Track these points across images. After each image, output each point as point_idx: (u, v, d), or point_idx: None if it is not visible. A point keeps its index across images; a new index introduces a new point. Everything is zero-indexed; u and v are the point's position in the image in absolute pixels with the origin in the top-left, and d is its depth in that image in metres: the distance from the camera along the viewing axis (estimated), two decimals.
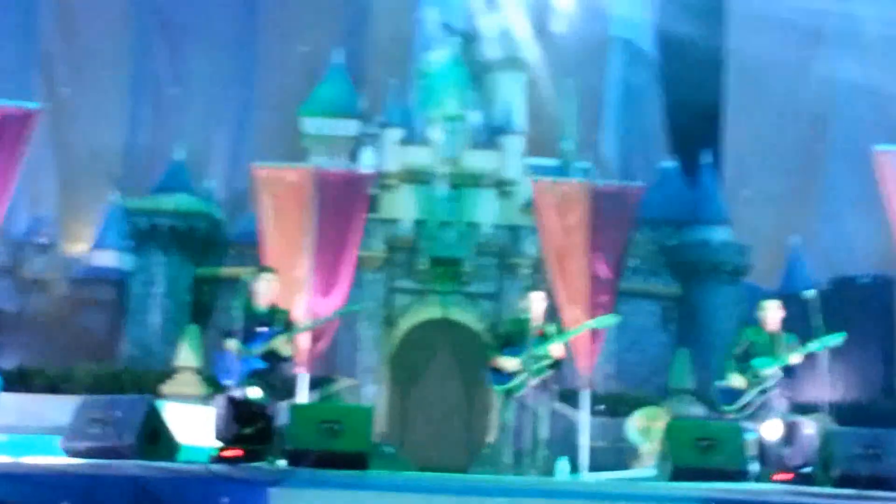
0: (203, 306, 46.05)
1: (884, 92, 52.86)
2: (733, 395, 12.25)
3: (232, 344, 11.40)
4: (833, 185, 58.63)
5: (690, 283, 50.33)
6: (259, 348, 11.33)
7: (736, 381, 12.06)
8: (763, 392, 11.92)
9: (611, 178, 41.85)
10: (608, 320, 13.19)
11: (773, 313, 12.44)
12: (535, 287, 12.73)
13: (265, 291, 11.75)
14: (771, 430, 10.47)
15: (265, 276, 11.92)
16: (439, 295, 46.23)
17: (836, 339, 11.70)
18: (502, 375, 12.06)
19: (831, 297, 45.87)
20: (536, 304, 12.24)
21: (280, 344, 11.47)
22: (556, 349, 12.06)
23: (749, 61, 54.70)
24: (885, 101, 52.17)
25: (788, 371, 12.01)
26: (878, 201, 15.88)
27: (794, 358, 11.92)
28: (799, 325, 12.92)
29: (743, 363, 12.23)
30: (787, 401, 11.94)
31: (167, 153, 51.43)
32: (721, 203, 53.17)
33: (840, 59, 54.26)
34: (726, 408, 12.33)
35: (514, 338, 12.23)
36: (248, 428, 8.90)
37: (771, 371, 11.91)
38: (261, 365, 11.29)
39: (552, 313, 14.64)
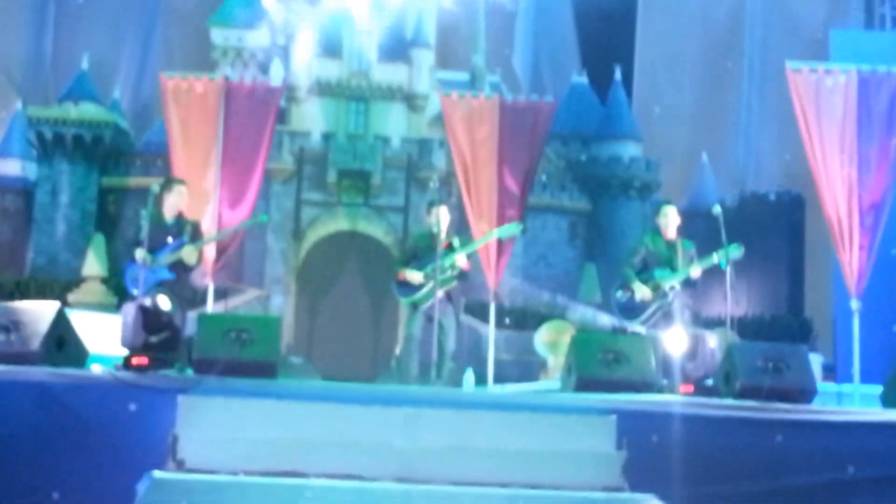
0: (109, 216, 45.73)
1: (795, 9, 53.31)
2: (634, 308, 12.22)
3: (140, 254, 11.36)
4: (744, 102, 59.19)
5: (599, 198, 50.78)
6: (167, 258, 11.30)
7: (640, 291, 12.00)
8: (663, 304, 11.92)
9: (521, 93, 41.88)
10: (512, 229, 13.17)
11: (672, 219, 12.28)
12: (443, 201, 12.71)
13: (173, 202, 11.67)
14: (674, 340, 10.50)
15: (174, 187, 11.84)
16: (347, 207, 46.26)
17: (736, 252, 11.67)
18: (408, 288, 12.10)
19: (740, 214, 46.61)
20: (443, 217, 12.24)
21: (187, 254, 11.45)
22: (461, 259, 12.09)
23: None
24: (796, 18, 52.65)
25: (689, 283, 11.95)
26: (788, 118, 15.99)
27: (695, 271, 11.88)
28: (706, 241, 13.00)
29: (643, 273, 12.16)
30: (689, 312, 11.94)
31: (73, 63, 50.72)
32: (631, 119, 53.58)
33: None
34: (627, 322, 12.29)
35: (421, 251, 12.26)
36: (155, 336, 8.89)
37: (671, 282, 11.87)
38: (168, 275, 11.27)
39: (463, 227, 14.70)
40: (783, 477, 8.41)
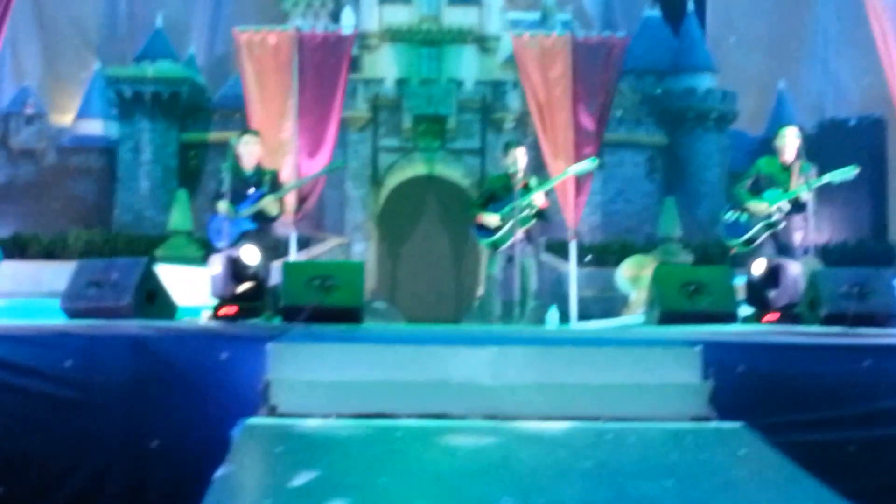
0: (190, 171, 46.22)
1: None
2: (739, 228, 11.98)
3: (222, 206, 11.52)
4: (820, 26, 58.26)
5: (676, 131, 50.37)
6: (248, 209, 11.46)
7: (753, 206, 11.66)
8: (770, 226, 11.68)
9: (593, 30, 41.64)
10: (588, 165, 13.10)
11: (790, 140, 11.92)
12: (518, 142, 12.70)
13: (250, 153, 11.83)
14: (758, 268, 10.37)
15: (248, 138, 11.98)
16: (424, 152, 46.31)
17: (849, 173, 11.46)
18: (487, 230, 12.13)
19: (819, 141, 46.07)
20: (520, 157, 12.23)
21: (268, 204, 11.60)
22: (538, 198, 12.08)
23: None
24: None
25: (798, 205, 11.62)
26: (865, 42, 15.75)
27: (805, 193, 11.58)
28: None
29: (756, 196, 11.83)
30: (802, 234, 11.56)
31: (148, 22, 51.13)
32: (705, 50, 53.00)
33: None
34: (732, 242, 12.01)
35: (498, 193, 12.27)
36: (242, 286, 9.05)
37: (779, 204, 11.60)
38: (251, 226, 11.45)
39: (539, 167, 14.72)
40: (871, 401, 8.39)
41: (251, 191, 11.45)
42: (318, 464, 6.36)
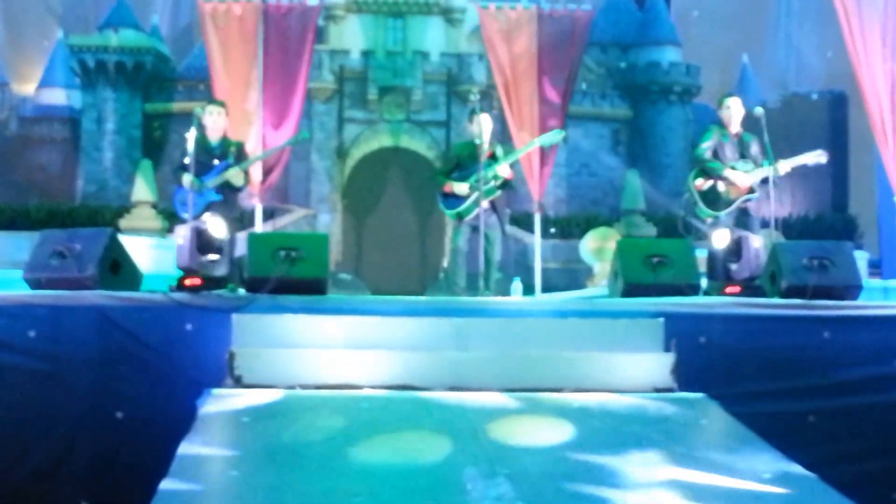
0: (155, 142, 46.04)
1: None
2: (717, 199, 11.89)
3: (186, 179, 11.52)
4: (783, 1, 58.47)
5: (640, 105, 50.56)
6: (214, 180, 11.45)
7: (735, 176, 11.53)
8: (749, 199, 11.66)
9: (558, 3, 41.62)
10: (553, 137, 13.05)
11: (735, 110, 11.81)
12: (483, 109, 12.65)
13: (215, 124, 11.81)
14: (720, 240, 10.36)
15: (214, 108, 11.95)
16: (389, 124, 46.29)
17: (821, 158, 11.45)
18: (453, 199, 12.09)
19: (782, 115, 46.33)
20: (485, 124, 12.18)
21: (233, 175, 11.61)
22: (503, 169, 12.05)
23: None
24: None
25: (765, 180, 11.54)
26: (828, 15, 15.81)
27: (784, 166, 11.52)
28: None
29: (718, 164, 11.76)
30: (758, 205, 11.53)
31: None
32: (670, 24, 53.15)
33: None
34: (705, 213, 11.80)
35: (463, 161, 12.22)
36: (208, 257, 9.04)
37: (756, 177, 11.53)
38: (216, 197, 11.44)
39: (505, 140, 14.72)
40: (830, 372, 8.51)
41: (216, 162, 11.44)
42: (283, 434, 6.41)
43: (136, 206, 35.91)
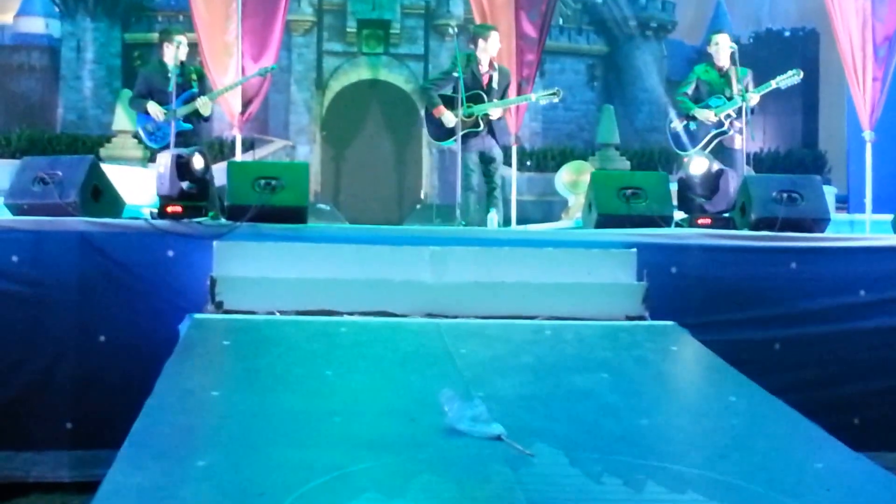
0: (134, 71, 45.75)
1: None
2: (690, 137, 12.21)
3: (153, 108, 11.66)
4: None
5: (616, 40, 50.50)
6: (182, 111, 11.60)
7: (702, 114, 11.89)
8: (720, 134, 11.88)
9: None
10: (553, 97, 13.00)
11: (722, 46, 12.05)
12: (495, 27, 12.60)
13: (176, 54, 11.92)
14: (697, 167, 10.46)
15: (183, 39, 12.11)
16: (368, 57, 46.14)
17: (795, 77, 11.69)
18: (440, 128, 12.08)
19: (755, 51, 46.36)
20: (493, 43, 12.21)
21: (202, 105, 11.76)
22: (495, 112, 12.11)
23: None
24: None
25: (740, 111, 11.78)
26: None
27: (753, 98, 11.77)
28: None
29: (698, 103, 12.06)
30: (741, 138, 11.74)
31: None
32: None
33: None
34: (683, 152, 12.19)
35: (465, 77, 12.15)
36: (188, 186, 9.12)
37: (727, 111, 11.80)
38: (186, 126, 11.59)
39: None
40: (797, 302, 8.71)
41: (174, 89, 11.54)
42: (264, 357, 6.56)
43: (117, 136, 35.83)
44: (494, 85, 12.17)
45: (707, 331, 7.59)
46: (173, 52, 11.97)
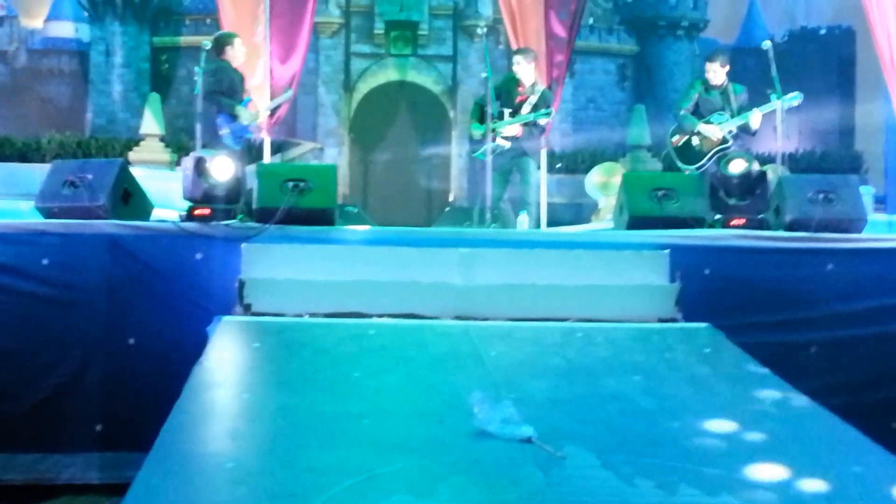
0: (163, 76, 45.94)
1: None
2: (692, 153, 12.37)
3: (246, 113, 11.79)
4: None
5: (647, 39, 50.25)
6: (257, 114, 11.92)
7: (707, 131, 12.06)
8: (723, 149, 11.97)
9: None
10: (544, 116, 13.12)
11: (714, 73, 12.17)
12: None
13: (237, 55, 12.09)
14: (736, 166, 10.37)
15: (239, 40, 12.28)
16: (396, 58, 46.10)
17: (795, 100, 11.65)
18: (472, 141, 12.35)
19: (790, 50, 46.13)
20: (525, 65, 12.49)
21: (243, 113, 11.85)
22: (511, 129, 12.31)
23: None
24: None
25: (746, 129, 11.97)
26: None
27: (755, 118, 11.88)
28: (757, 78, 12.94)
29: (701, 119, 12.28)
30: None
31: None
32: None
33: None
34: (685, 166, 12.43)
35: (501, 94, 12.40)
36: (217, 188, 9.08)
37: (730, 127, 11.95)
38: (249, 133, 11.83)
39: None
40: (834, 304, 8.60)
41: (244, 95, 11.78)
42: (293, 359, 6.53)
43: (145, 139, 35.97)
44: (525, 108, 12.35)
45: (741, 333, 7.50)
46: (235, 54, 12.07)
